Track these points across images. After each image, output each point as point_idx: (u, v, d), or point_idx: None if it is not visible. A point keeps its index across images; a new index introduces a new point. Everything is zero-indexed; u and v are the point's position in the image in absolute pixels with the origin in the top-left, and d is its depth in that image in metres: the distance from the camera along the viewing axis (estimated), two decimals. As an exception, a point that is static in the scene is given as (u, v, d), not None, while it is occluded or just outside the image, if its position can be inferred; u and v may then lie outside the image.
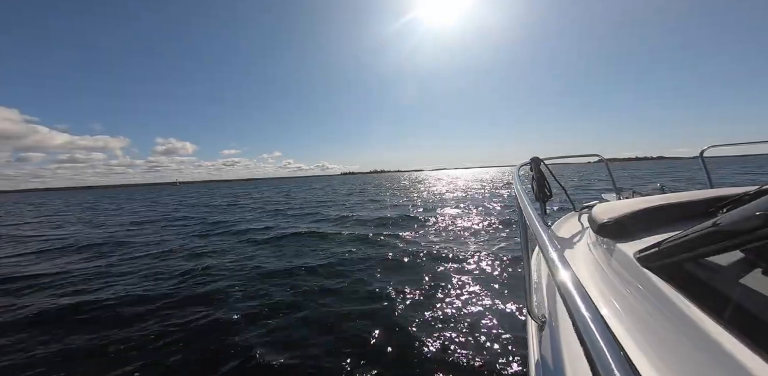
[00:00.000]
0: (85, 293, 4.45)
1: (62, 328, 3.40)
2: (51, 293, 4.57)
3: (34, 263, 6.56)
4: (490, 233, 7.11)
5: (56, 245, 8.54)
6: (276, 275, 4.84)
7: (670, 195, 1.46)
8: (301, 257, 5.88)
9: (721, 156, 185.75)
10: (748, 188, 1.26)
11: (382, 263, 5.11)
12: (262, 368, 2.57)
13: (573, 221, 2.22)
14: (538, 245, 0.64)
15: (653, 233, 1.12)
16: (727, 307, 0.64)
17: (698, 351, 0.62)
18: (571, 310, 0.40)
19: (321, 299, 3.81)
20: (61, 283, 4.98)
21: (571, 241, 1.78)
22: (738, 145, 2.62)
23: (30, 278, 5.35)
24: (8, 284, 5.01)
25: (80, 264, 6.23)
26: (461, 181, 35.93)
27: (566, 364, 0.77)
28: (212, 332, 3.15)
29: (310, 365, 2.57)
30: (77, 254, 7.34)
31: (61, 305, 4.01)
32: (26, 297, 4.48)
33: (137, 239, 8.92)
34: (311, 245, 6.76)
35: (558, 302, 1.07)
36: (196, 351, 2.85)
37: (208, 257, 6.22)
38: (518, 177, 1.47)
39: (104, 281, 5.00)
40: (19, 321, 3.59)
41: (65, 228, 12.31)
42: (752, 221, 0.59)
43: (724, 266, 0.77)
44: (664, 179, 20.70)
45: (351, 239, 7.20)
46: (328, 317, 3.35)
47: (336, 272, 4.83)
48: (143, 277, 5.10)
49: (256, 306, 3.71)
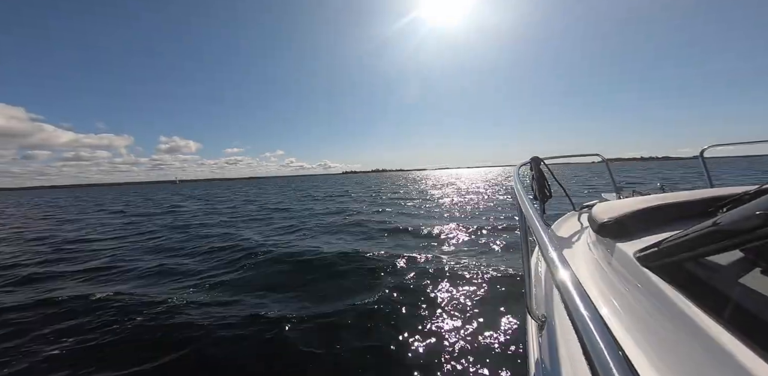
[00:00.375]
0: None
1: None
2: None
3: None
4: (490, 232, 7.12)
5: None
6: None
7: (670, 195, 1.47)
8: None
9: (731, 156, 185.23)
10: (748, 187, 1.26)
11: (371, 260, 5.12)
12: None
13: (573, 221, 2.22)
14: (538, 244, 0.64)
15: (653, 233, 1.12)
16: (727, 306, 0.64)
17: (698, 351, 0.62)
18: (570, 309, 0.40)
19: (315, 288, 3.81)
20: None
21: (570, 240, 1.79)
22: (738, 144, 2.62)
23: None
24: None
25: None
26: (464, 182, 35.70)
27: (566, 363, 0.77)
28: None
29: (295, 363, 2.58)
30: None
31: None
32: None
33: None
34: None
35: (557, 302, 1.07)
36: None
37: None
38: (518, 177, 1.47)
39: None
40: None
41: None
42: (752, 220, 0.59)
43: (724, 266, 0.77)
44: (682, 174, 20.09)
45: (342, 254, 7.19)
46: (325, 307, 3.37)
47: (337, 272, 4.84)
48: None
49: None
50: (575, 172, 45.54)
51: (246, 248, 6.59)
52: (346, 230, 8.41)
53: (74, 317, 3.60)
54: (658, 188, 2.82)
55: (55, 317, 3.62)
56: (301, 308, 3.60)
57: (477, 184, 29.28)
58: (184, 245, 7.52)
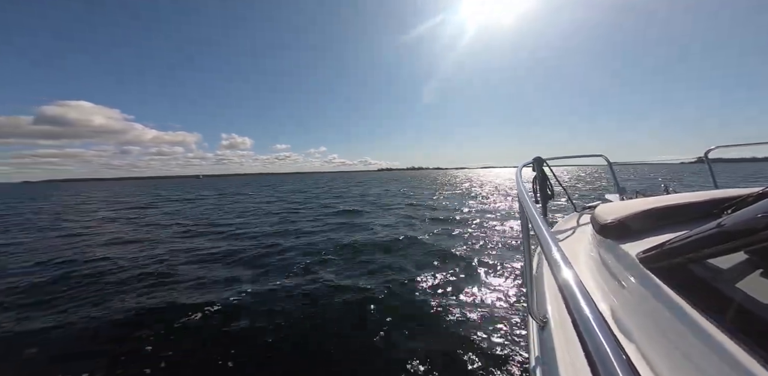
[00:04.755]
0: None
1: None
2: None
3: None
4: (491, 231, 7.11)
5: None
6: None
7: (674, 196, 1.46)
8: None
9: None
10: (752, 189, 1.25)
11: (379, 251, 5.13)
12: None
13: (576, 222, 2.22)
14: (540, 244, 0.64)
15: (656, 234, 1.12)
16: (729, 308, 0.64)
17: (700, 353, 0.62)
18: (572, 310, 0.40)
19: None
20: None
21: (573, 241, 1.78)
22: (744, 146, 2.60)
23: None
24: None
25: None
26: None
27: (567, 364, 0.77)
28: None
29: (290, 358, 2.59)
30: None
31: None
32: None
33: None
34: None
35: (559, 302, 1.07)
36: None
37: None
38: (520, 177, 1.46)
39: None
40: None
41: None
42: (756, 222, 0.59)
43: (726, 268, 0.77)
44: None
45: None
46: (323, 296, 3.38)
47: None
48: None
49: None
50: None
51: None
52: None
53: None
54: (662, 189, 2.81)
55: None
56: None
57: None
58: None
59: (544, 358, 0.89)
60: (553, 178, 2.59)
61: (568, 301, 0.42)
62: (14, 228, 10.40)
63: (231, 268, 5.14)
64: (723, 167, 65.07)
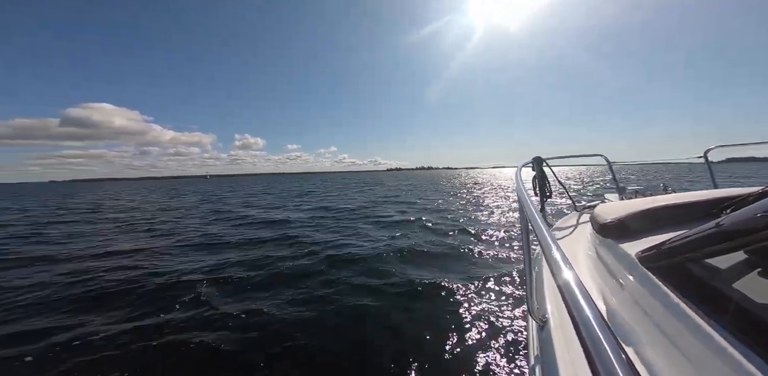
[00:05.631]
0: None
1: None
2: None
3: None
4: (491, 230, 7.10)
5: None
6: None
7: (673, 196, 1.46)
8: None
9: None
10: (752, 188, 1.25)
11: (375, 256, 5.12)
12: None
13: (575, 221, 2.22)
14: (540, 244, 0.64)
15: (655, 234, 1.12)
16: (728, 308, 0.64)
17: (698, 352, 0.62)
18: (572, 310, 0.40)
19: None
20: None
21: (573, 241, 1.78)
22: (743, 145, 2.60)
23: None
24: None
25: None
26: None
27: (567, 363, 0.78)
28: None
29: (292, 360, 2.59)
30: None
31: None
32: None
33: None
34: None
35: (559, 302, 1.07)
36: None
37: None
38: (519, 176, 1.46)
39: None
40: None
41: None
42: (755, 222, 0.59)
43: (726, 267, 0.77)
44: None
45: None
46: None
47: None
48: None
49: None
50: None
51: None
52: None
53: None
54: (661, 188, 2.81)
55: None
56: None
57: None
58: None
59: (543, 357, 0.89)
60: (552, 177, 2.59)
61: (568, 300, 0.42)
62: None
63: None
64: (746, 166, 62.43)
